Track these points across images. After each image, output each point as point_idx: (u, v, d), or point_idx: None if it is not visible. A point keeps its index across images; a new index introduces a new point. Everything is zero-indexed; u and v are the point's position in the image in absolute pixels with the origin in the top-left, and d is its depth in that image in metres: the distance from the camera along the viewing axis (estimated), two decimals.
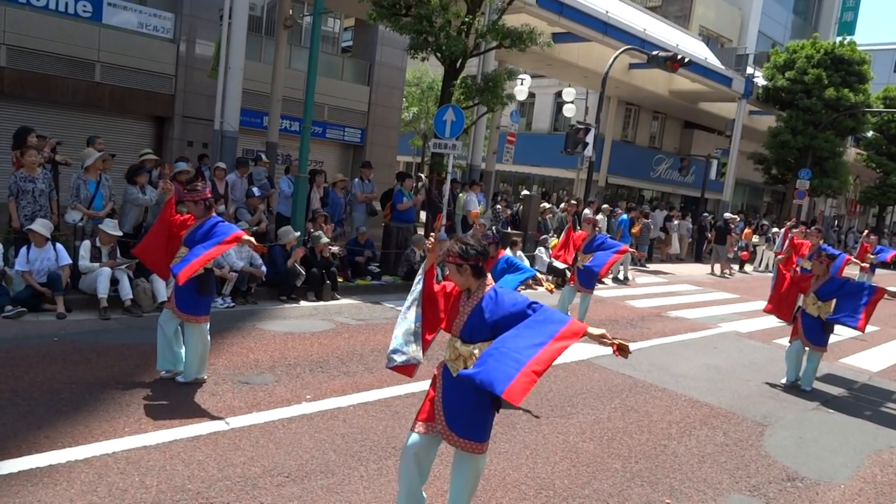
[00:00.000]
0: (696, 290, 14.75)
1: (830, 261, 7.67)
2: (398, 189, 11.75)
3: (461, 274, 3.33)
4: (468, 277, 3.34)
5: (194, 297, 5.42)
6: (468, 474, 3.37)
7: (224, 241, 5.18)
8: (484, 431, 3.36)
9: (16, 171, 7.76)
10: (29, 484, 3.68)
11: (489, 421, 3.38)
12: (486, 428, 3.37)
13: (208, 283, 5.55)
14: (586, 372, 7.19)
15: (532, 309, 3.21)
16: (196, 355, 5.47)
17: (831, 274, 7.57)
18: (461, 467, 3.39)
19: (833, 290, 7.37)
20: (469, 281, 3.36)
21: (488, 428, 3.39)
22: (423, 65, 24.03)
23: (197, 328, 5.45)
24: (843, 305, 7.32)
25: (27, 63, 13.40)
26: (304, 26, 18.55)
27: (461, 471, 3.39)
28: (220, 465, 4.12)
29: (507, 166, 25.93)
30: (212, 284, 5.68)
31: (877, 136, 32.08)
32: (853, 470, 5.35)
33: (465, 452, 3.33)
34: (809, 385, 7.49)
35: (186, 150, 14.96)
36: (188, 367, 5.49)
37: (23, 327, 6.54)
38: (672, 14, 30.24)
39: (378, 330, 8.03)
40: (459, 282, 3.39)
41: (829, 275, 7.50)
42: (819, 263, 7.53)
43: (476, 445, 3.32)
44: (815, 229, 11.67)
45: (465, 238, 3.39)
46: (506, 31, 12.17)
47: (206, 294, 5.54)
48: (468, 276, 3.33)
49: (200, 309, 5.48)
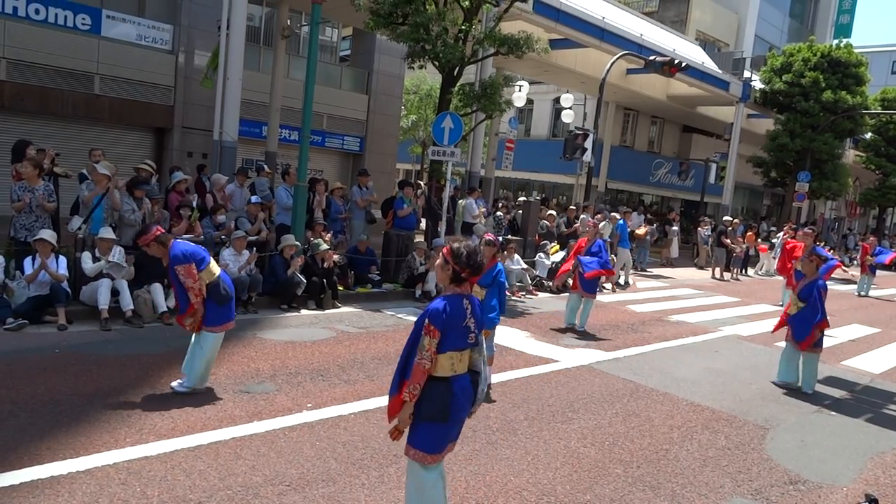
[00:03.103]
0: (697, 294, 14.74)
1: (822, 262, 7.72)
2: (399, 196, 11.79)
3: (443, 271, 3.35)
4: (446, 278, 3.36)
5: (216, 309, 5.47)
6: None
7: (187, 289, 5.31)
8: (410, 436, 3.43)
9: (15, 182, 7.79)
10: (31, 495, 3.68)
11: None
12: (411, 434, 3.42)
13: (221, 294, 5.51)
14: (587, 377, 7.18)
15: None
16: (204, 362, 5.47)
17: (819, 275, 7.60)
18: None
19: (808, 293, 7.43)
20: (445, 282, 3.37)
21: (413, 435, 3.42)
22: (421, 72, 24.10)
23: (211, 336, 5.46)
24: (803, 315, 7.44)
25: (27, 76, 13.47)
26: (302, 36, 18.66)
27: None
28: (221, 475, 4.12)
29: (506, 173, 26.00)
30: (225, 292, 5.57)
31: (875, 137, 32.14)
32: (856, 472, 5.34)
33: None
34: (810, 388, 7.48)
35: (186, 161, 15.02)
36: (193, 374, 5.47)
37: (24, 339, 6.55)
38: (668, 19, 30.36)
39: (379, 338, 8.04)
40: (440, 277, 3.41)
41: (816, 275, 7.54)
42: (809, 262, 7.57)
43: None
44: (808, 229, 11.60)
45: (469, 244, 3.38)
46: (503, 37, 12.22)
47: (226, 302, 5.56)
48: (447, 276, 3.34)
49: (223, 318, 5.53)
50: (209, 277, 5.48)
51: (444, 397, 3.28)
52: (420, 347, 3.21)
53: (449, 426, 3.36)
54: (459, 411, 3.37)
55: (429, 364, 3.21)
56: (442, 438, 3.37)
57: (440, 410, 3.28)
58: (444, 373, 3.28)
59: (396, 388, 3.35)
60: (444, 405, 3.28)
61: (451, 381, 3.30)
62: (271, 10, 17.82)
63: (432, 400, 3.27)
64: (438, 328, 3.20)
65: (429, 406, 3.27)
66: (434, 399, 3.27)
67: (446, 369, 3.28)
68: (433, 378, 3.26)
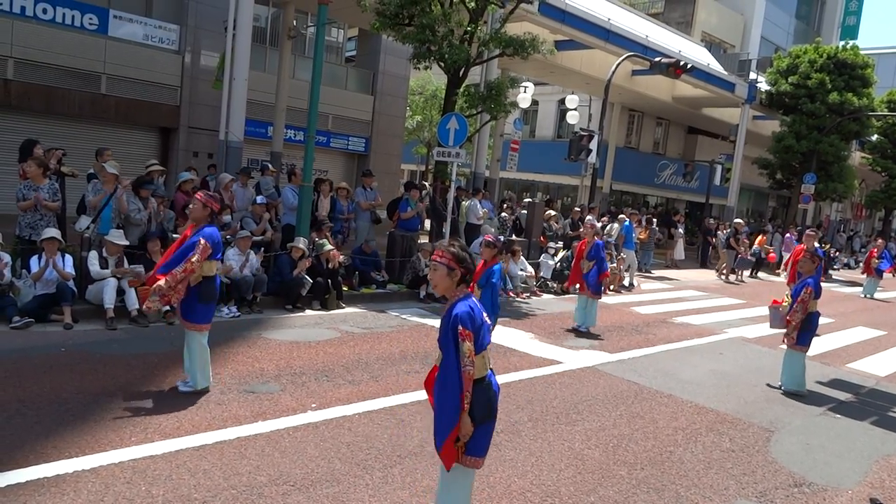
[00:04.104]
0: (702, 296, 14.71)
1: (820, 261, 7.75)
2: (405, 198, 11.81)
3: (451, 278, 3.33)
4: (453, 284, 3.34)
5: (194, 305, 5.44)
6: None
7: (188, 260, 5.26)
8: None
9: (22, 181, 7.83)
10: (36, 493, 3.70)
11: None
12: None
13: (209, 292, 5.53)
14: (591, 378, 7.18)
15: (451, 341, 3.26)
16: (199, 362, 5.47)
17: (815, 273, 7.61)
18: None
19: (797, 291, 7.46)
20: (451, 288, 3.36)
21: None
22: (426, 73, 24.12)
23: (194, 336, 5.46)
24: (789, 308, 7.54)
25: (34, 75, 13.54)
26: (308, 37, 18.70)
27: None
28: (225, 475, 4.13)
29: (510, 174, 25.97)
30: (213, 292, 5.62)
31: (881, 139, 32.02)
32: (861, 475, 5.33)
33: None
34: (793, 386, 7.41)
35: (192, 161, 15.07)
36: (193, 375, 5.50)
37: (30, 338, 6.58)
38: (674, 20, 30.31)
39: (383, 338, 8.05)
40: (445, 284, 3.36)
41: (811, 273, 7.55)
42: (809, 261, 7.56)
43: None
44: (811, 231, 11.55)
45: (459, 244, 3.42)
46: (508, 39, 12.22)
47: (208, 302, 5.54)
48: (454, 281, 3.34)
49: (199, 317, 5.49)
50: (209, 270, 5.47)
51: (487, 396, 3.32)
52: (461, 355, 3.20)
53: (494, 423, 3.44)
54: (498, 406, 3.44)
55: (472, 369, 3.22)
56: (489, 437, 3.44)
57: (489, 409, 3.33)
58: (481, 373, 3.32)
59: (449, 429, 3.24)
60: (489, 403, 3.33)
61: (488, 379, 3.36)
62: (277, 11, 17.87)
63: (479, 402, 3.29)
64: (472, 330, 3.23)
65: (479, 409, 3.29)
66: (481, 401, 3.30)
67: (482, 369, 3.32)
68: (475, 382, 3.29)
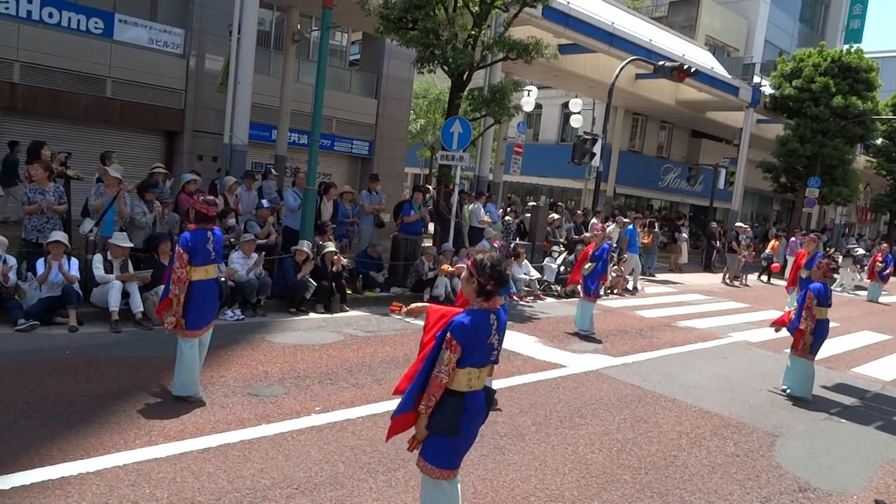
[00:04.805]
0: (706, 300, 14.68)
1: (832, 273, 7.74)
2: (409, 201, 11.83)
3: (468, 284, 3.27)
4: (472, 291, 3.26)
5: (189, 311, 5.36)
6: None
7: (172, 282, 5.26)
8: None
9: (28, 184, 7.87)
10: (41, 496, 3.71)
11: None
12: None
13: (190, 297, 5.39)
14: (595, 382, 7.17)
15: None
16: (184, 370, 5.34)
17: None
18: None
19: (802, 299, 7.47)
20: (472, 296, 3.28)
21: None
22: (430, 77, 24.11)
23: (189, 342, 5.38)
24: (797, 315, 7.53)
25: (40, 79, 13.59)
26: (312, 40, 18.73)
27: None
28: (229, 478, 4.14)
29: (514, 177, 26.00)
30: (196, 297, 5.45)
31: (886, 143, 31.93)
32: (866, 480, 5.31)
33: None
34: (801, 392, 7.39)
35: (197, 164, 15.08)
36: (177, 381, 5.39)
37: (35, 340, 6.60)
38: (678, 24, 30.31)
39: (387, 341, 8.05)
40: (466, 290, 3.32)
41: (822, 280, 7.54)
42: (817, 269, 7.55)
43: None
44: (812, 235, 11.53)
45: (494, 255, 3.29)
46: (512, 43, 12.24)
47: (188, 307, 5.38)
48: (472, 290, 3.25)
49: (193, 324, 5.39)
50: (199, 276, 5.38)
51: (455, 412, 3.21)
52: (440, 360, 3.14)
53: (458, 442, 3.29)
54: (470, 428, 3.31)
55: (446, 378, 3.15)
56: (452, 453, 3.31)
57: (450, 426, 3.22)
58: (460, 388, 3.22)
59: (412, 403, 3.24)
60: (454, 421, 3.21)
61: (464, 397, 3.24)
62: (282, 15, 17.91)
63: (443, 414, 3.21)
64: (460, 343, 3.13)
65: (439, 420, 3.22)
66: (445, 413, 3.21)
67: (462, 385, 3.21)
68: (447, 391, 3.20)
